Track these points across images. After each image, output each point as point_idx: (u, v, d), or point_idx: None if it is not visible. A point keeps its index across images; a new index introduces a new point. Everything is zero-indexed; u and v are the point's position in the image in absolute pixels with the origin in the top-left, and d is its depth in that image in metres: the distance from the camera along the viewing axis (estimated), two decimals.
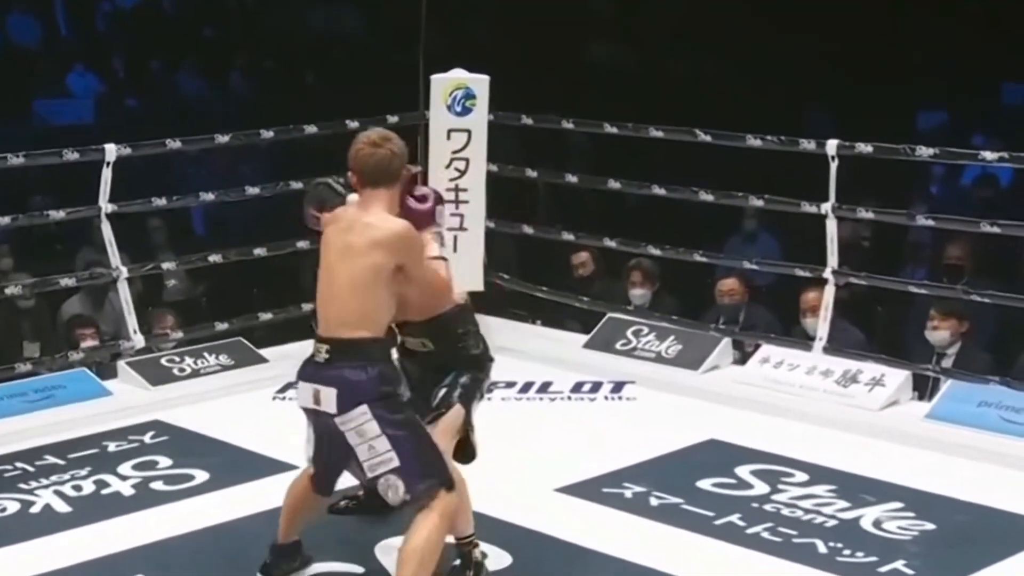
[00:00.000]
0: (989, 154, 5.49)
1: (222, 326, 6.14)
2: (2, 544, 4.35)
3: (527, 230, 6.77)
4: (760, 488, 4.75)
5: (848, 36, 10.59)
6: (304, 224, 4.12)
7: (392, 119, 6.52)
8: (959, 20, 10.32)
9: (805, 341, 5.97)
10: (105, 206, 5.77)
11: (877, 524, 4.46)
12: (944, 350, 5.96)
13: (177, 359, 6.01)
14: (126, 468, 4.97)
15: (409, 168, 3.83)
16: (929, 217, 5.99)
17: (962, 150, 5.90)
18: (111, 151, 5.73)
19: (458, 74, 6.37)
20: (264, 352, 6.22)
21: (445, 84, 6.32)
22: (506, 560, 4.16)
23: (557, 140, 8.71)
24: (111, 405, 5.63)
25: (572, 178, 6.82)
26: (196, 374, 5.97)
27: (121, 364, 5.95)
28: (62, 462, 5.01)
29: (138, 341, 5.95)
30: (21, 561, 4.22)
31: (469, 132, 6.35)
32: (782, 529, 4.42)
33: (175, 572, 4.11)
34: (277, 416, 5.59)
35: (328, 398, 3.61)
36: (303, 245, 6.37)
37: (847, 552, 4.25)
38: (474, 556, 3.99)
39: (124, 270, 5.91)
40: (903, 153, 5.58)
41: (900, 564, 4.17)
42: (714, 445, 5.20)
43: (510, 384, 5.86)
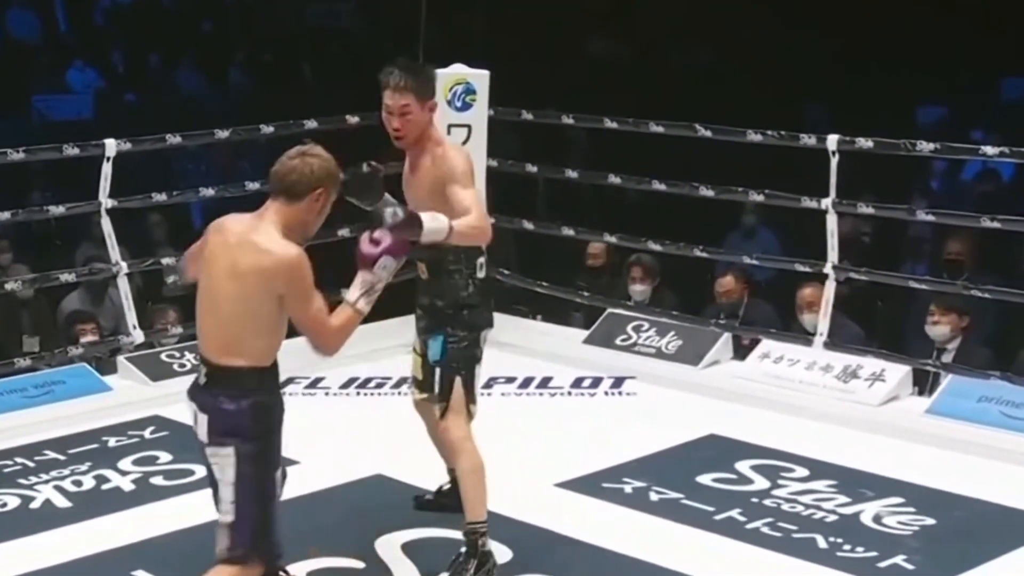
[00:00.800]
0: (990, 149, 5.50)
1: None
2: (2, 539, 4.34)
3: (527, 226, 6.77)
4: (760, 483, 4.75)
5: (847, 30, 10.59)
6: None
7: None
8: (958, 14, 10.32)
9: (806, 336, 5.97)
10: (105, 201, 5.77)
11: (877, 519, 4.46)
12: (944, 345, 5.95)
13: (177, 355, 5.97)
14: (126, 463, 4.96)
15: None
16: (930, 212, 6.00)
17: (963, 145, 5.91)
18: (111, 146, 5.72)
19: (458, 69, 6.36)
20: None
21: (445, 79, 6.30)
22: (507, 555, 4.15)
23: (556, 135, 8.70)
24: (111, 400, 5.61)
25: (572, 173, 6.81)
26: (196, 369, 5.96)
27: (121, 359, 5.92)
28: (62, 457, 5.01)
29: (138, 336, 5.94)
30: (21, 556, 4.22)
31: (469, 127, 6.34)
32: (782, 524, 4.42)
33: (175, 567, 4.10)
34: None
35: (201, 423, 3.43)
36: None
37: (847, 547, 4.25)
38: (479, 545, 3.96)
39: (124, 265, 5.91)
40: (904, 148, 5.58)
41: (900, 559, 4.17)
42: (714, 440, 5.20)
43: (510, 379, 5.86)
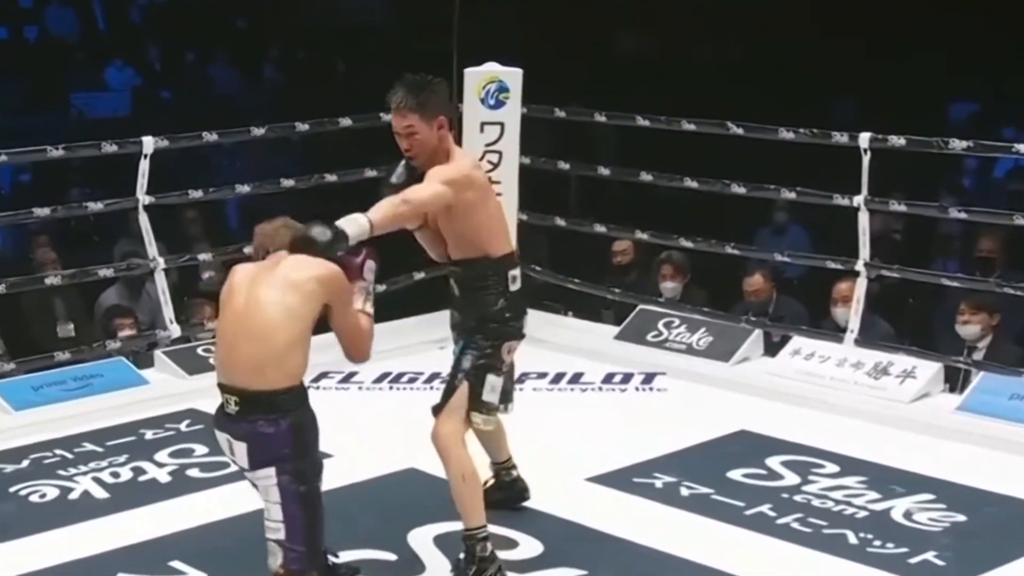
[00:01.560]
0: (1023, 147, 5.48)
1: None
2: (42, 529, 4.40)
3: (559, 222, 6.79)
4: (791, 479, 4.76)
5: (878, 26, 10.55)
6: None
7: None
8: (990, 11, 10.25)
9: (836, 333, 5.97)
10: (142, 198, 5.82)
11: (908, 515, 4.47)
12: (975, 343, 5.95)
13: (213, 349, 6.01)
14: (163, 455, 5.02)
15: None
16: (962, 210, 5.97)
17: (995, 143, 5.89)
18: (148, 143, 5.77)
19: (491, 67, 6.39)
20: None
21: (478, 77, 6.34)
22: (538, 548, 4.19)
23: (586, 132, 8.71)
24: (148, 394, 5.66)
25: (604, 171, 6.84)
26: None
27: (158, 353, 5.99)
28: (100, 449, 5.07)
29: (174, 331, 5.99)
30: (60, 546, 4.27)
31: (502, 125, 6.36)
32: (812, 520, 4.43)
33: (210, 558, 4.14)
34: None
35: (240, 452, 3.50)
36: None
37: (877, 543, 4.25)
38: (477, 551, 3.91)
39: (161, 261, 5.96)
40: (936, 146, 5.57)
41: (931, 555, 4.18)
42: (745, 436, 5.21)
43: (542, 375, 5.89)
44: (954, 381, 5.76)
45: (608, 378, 5.90)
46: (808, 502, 4.57)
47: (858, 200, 5.69)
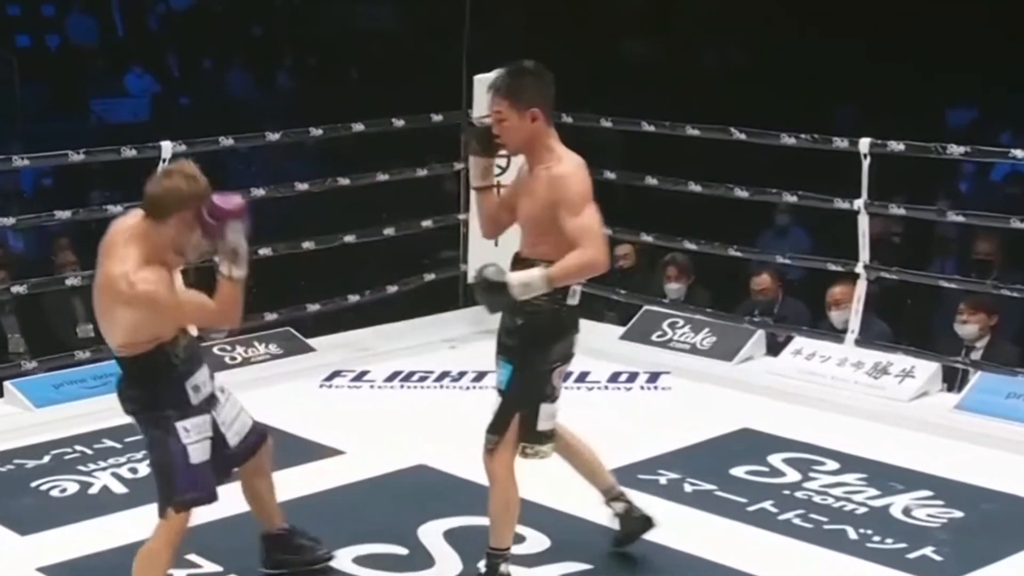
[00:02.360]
0: (1020, 152, 5.54)
1: (271, 316, 6.25)
2: (62, 523, 4.46)
3: None
4: (792, 476, 4.83)
5: (877, 32, 10.61)
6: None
7: (436, 118, 6.66)
8: (989, 17, 10.32)
9: (837, 333, 6.05)
10: None
11: (907, 512, 4.53)
12: (973, 343, 6.01)
13: (228, 348, 6.10)
14: None
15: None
16: (960, 213, 6.04)
17: (993, 148, 5.97)
18: (167, 148, 5.83)
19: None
20: (312, 342, 6.32)
21: (488, 83, 6.42)
22: (545, 543, 4.26)
23: (591, 136, 8.77)
24: None
25: (610, 175, 6.91)
26: (247, 362, 6.07)
27: None
28: (119, 445, 5.12)
29: (192, 330, 6.08)
30: (80, 540, 4.35)
31: None
32: (813, 516, 4.49)
33: (226, 552, 4.20)
34: (324, 403, 5.72)
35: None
36: (350, 239, 6.52)
37: (877, 538, 4.32)
38: (499, 570, 3.88)
39: None
40: (935, 151, 5.64)
41: (929, 551, 4.24)
42: (747, 434, 5.28)
43: None
44: (952, 380, 5.81)
45: (614, 377, 5.97)
46: (809, 498, 4.63)
47: (858, 204, 5.76)
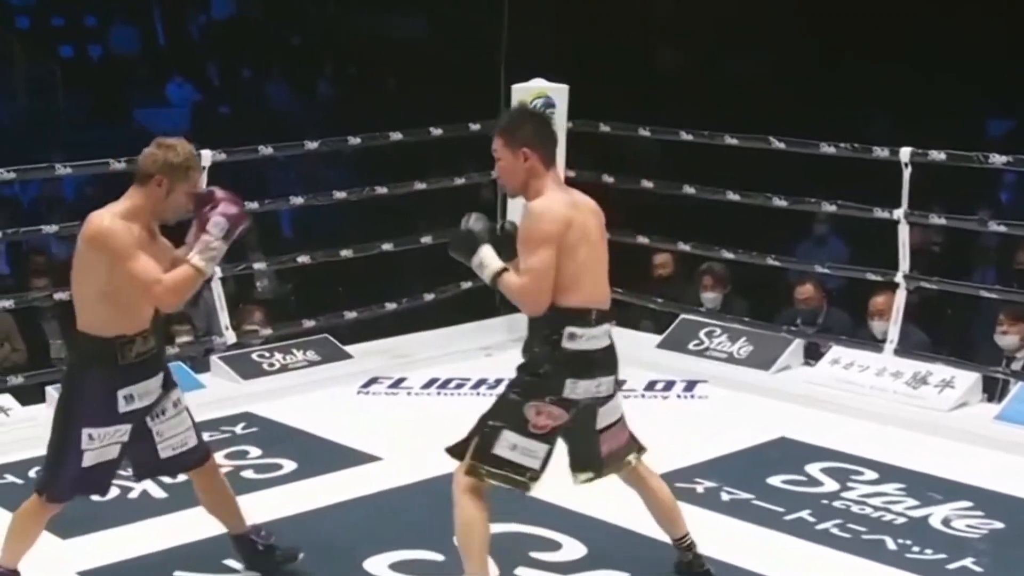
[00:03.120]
0: None
1: (309, 323, 6.30)
2: (102, 528, 4.50)
3: None
4: (830, 485, 4.81)
5: (916, 41, 10.57)
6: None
7: (474, 127, 6.69)
8: None
9: (876, 343, 6.02)
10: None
11: (946, 522, 4.51)
12: (1013, 353, 5.97)
13: (267, 355, 6.16)
14: (218, 457, 4.92)
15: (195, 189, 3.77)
16: (1002, 223, 6.00)
17: None
18: (207, 157, 5.87)
19: (538, 83, 6.52)
20: (349, 348, 6.34)
21: (525, 93, 6.46)
22: (581, 550, 4.26)
23: (629, 145, 8.79)
24: (204, 397, 5.71)
25: (648, 184, 6.92)
26: (285, 369, 6.11)
27: (214, 359, 6.11)
28: None
29: (230, 337, 6.12)
30: (119, 544, 4.38)
31: None
32: (851, 526, 4.47)
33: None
34: (361, 409, 5.76)
35: None
36: (388, 247, 6.55)
37: (916, 549, 4.30)
38: None
39: (217, 270, 6.04)
40: (977, 161, 5.61)
41: (969, 562, 4.22)
42: (785, 443, 5.27)
43: None
44: (992, 391, 5.77)
45: (650, 385, 5.97)
46: (847, 508, 4.61)
47: (898, 213, 5.74)
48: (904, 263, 5.79)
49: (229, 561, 4.20)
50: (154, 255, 3.72)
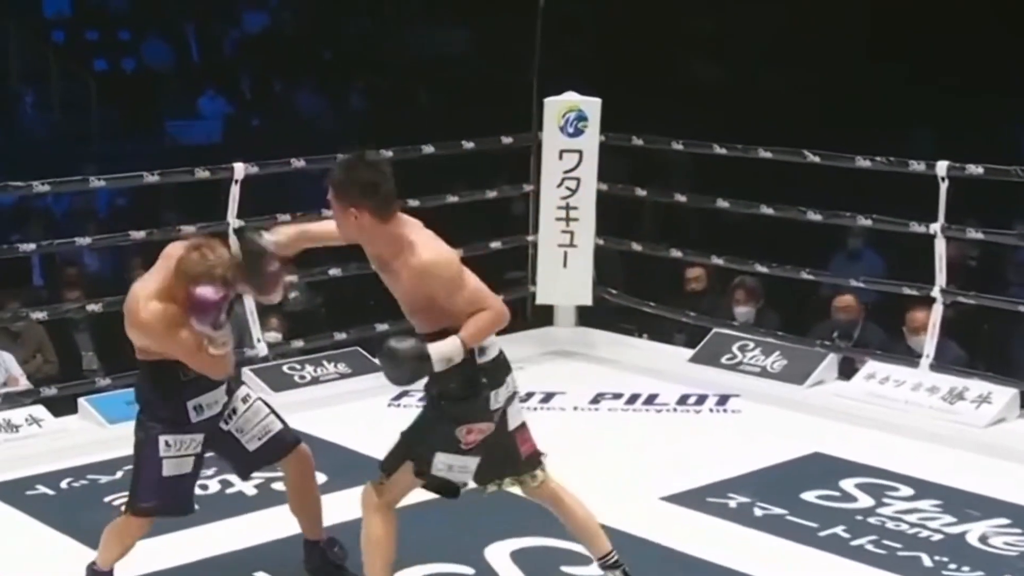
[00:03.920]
0: None
1: (340, 336, 6.31)
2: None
3: (636, 247, 6.84)
4: (865, 501, 4.78)
5: (951, 54, 10.52)
6: None
7: (507, 140, 6.69)
8: None
9: (912, 358, 5.97)
10: (233, 221, 5.95)
11: (983, 539, 4.46)
12: None
13: (298, 367, 6.18)
14: None
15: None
16: None
17: None
18: (239, 169, 5.93)
19: (571, 97, 6.51)
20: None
21: (558, 106, 6.47)
22: None
23: (661, 159, 8.78)
24: None
25: (681, 198, 6.90)
26: (316, 381, 6.14)
27: (245, 371, 6.07)
28: None
29: (261, 349, 6.14)
30: (149, 555, 4.33)
31: (581, 153, 6.49)
32: (887, 542, 4.43)
33: (294, 569, 4.22)
34: (392, 422, 5.64)
35: None
36: None
37: (953, 566, 4.26)
38: None
39: None
40: (1016, 175, 5.57)
41: None
42: (819, 458, 5.23)
43: (617, 395, 5.96)
44: None
45: (683, 399, 5.95)
46: (882, 524, 4.57)
47: (935, 228, 5.70)
48: (941, 277, 5.74)
49: (259, 573, 4.22)
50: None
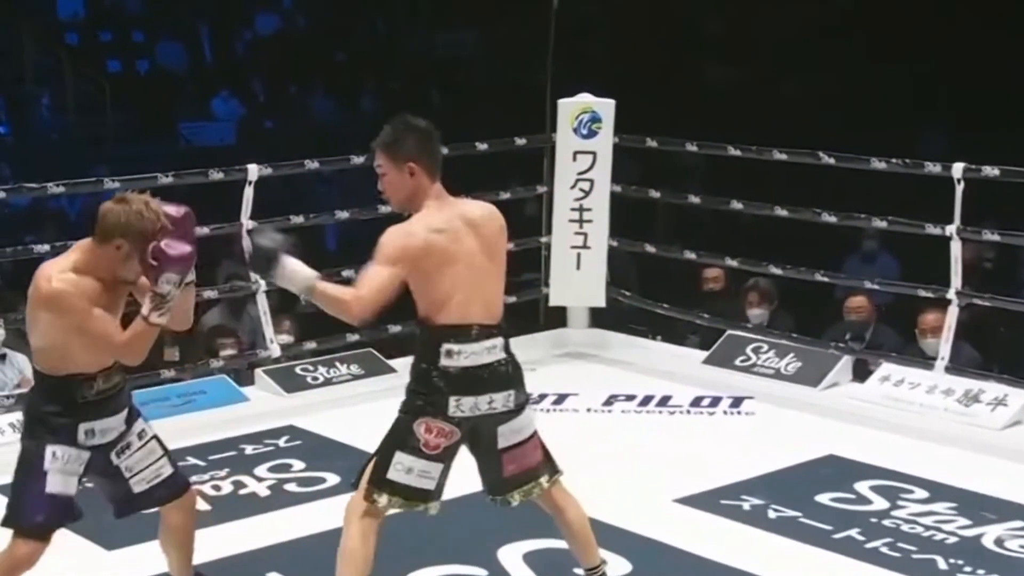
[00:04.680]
0: None
1: (353, 337, 6.29)
2: (146, 539, 4.38)
3: (649, 249, 6.83)
4: (879, 504, 4.76)
5: (965, 56, 10.49)
6: None
7: (519, 142, 6.68)
8: None
9: (927, 360, 5.95)
10: (246, 223, 5.94)
11: (999, 542, 4.44)
12: None
13: (311, 368, 6.18)
14: (262, 470, 5.13)
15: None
16: None
17: None
18: (253, 171, 5.93)
19: (584, 98, 6.50)
20: (393, 363, 6.32)
21: (572, 108, 6.46)
22: (626, 567, 4.22)
23: (674, 160, 8.77)
24: (248, 410, 5.81)
25: (695, 199, 6.88)
26: (329, 383, 6.13)
27: (258, 372, 6.13)
28: (202, 463, 5.19)
29: (274, 350, 6.13)
30: (158, 557, 4.22)
31: (594, 154, 6.48)
32: (902, 545, 4.41)
33: (307, 570, 4.22)
34: None
35: None
36: None
37: (968, 569, 4.23)
38: None
39: (262, 283, 6.05)
40: None
41: None
42: (833, 460, 5.21)
43: (631, 397, 5.95)
44: None
45: (696, 401, 5.93)
46: (897, 527, 4.55)
47: (950, 230, 5.67)
48: (956, 279, 5.71)
49: (272, 574, 4.20)
50: (111, 300, 3.53)
